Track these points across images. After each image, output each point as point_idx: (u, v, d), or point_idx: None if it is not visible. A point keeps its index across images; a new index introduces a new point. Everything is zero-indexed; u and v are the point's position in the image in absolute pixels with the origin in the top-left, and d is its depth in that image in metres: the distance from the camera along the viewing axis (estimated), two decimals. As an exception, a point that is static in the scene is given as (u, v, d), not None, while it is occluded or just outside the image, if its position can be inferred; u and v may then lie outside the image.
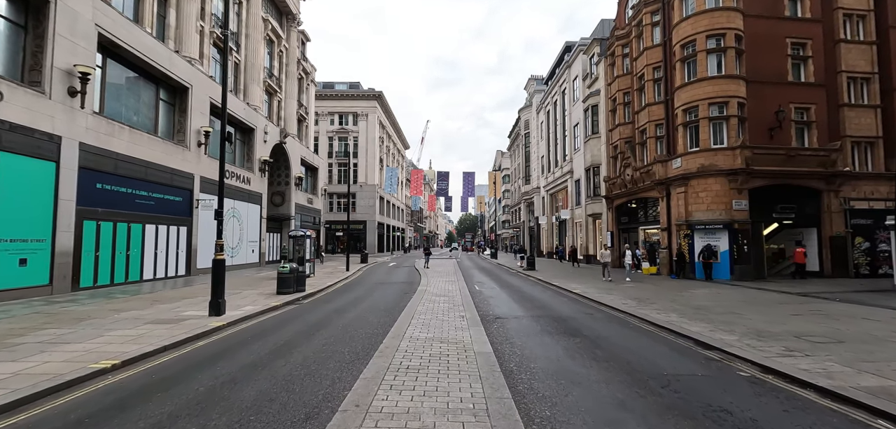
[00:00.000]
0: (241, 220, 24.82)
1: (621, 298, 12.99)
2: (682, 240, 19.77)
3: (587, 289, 15.62)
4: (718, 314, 10.09)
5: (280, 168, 32.82)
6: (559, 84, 40.20)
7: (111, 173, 15.20)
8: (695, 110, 19.58)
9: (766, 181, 18.70)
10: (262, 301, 12.42)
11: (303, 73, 38.62)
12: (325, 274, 22.02)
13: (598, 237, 31.90)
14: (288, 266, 14.26)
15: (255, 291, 14.73)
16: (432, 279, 19.03)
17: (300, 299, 13.52)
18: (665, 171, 21.13)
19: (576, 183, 35.74)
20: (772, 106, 19.48)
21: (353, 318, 9.86)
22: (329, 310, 11.15)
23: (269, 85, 30.82)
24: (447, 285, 16.72)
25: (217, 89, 22.32)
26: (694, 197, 19.35)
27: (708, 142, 19.08)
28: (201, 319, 9.43)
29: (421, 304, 11.55)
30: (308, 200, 37.37)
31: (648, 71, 23.14)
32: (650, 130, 22.97)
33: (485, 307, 11.56)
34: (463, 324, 8.76)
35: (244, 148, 26.50)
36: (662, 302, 12.22)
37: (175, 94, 19.71)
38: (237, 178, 24.30)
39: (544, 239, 47.45)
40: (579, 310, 11.36)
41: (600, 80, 30.05)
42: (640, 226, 25.65)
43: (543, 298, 13.76)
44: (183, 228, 19.33)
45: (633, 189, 24.50)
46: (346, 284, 18.28)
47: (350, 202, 25.62)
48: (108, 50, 15.63)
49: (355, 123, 56.10)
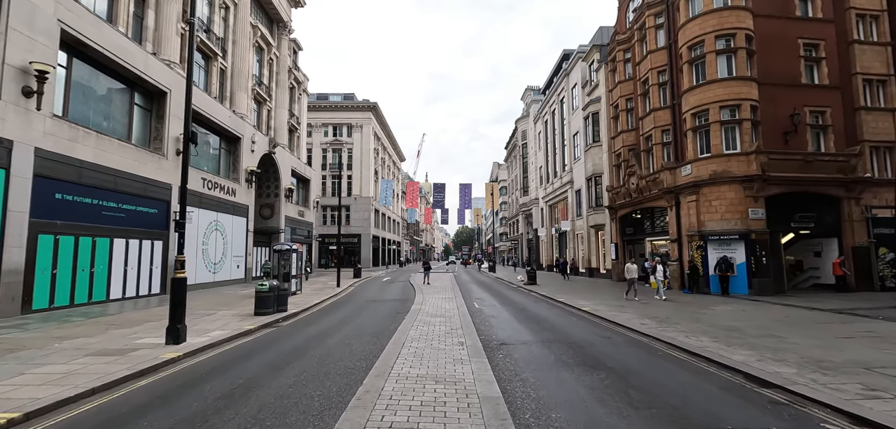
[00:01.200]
0: (225, 233, 23.37)
1: (637, 318, 11.66)
2: (694, 252, 18.52)
3: (597, 306, 14.28)
4: (756, 337, 8.78)
5: (269, 179, 31.47)
6: (557, 93, 39.30)
7: (74, 183, 13.80)
8: (705, 114, 18.50)
9: (782, 188, 17.55)
10: (235, 324, 11.00)
11: (294, 82, 37.52)
12: (313, 291, 20.57)
13: (600, 249, 30.65)
14: (267, 284, 12.86)
15: (232, 312, 13.30)
16: (428, 296, 17.64)
17: (280, 321, 12.10)
18: (674, 178, 19.98)
19: (576, 193, 34.58)
20: (786, 109, 18.43)
21: (335, 345, 8.46)
22: (309, 335, 9.74)
23: (257, 93, 29.64)
24: (444, 303, 15.34)
25: (201, 95, 21.10)
26: (706, 206, 18.16)
27: (720, 147, 17.97)
28: (154, 350, 8.01)
29: (414, 327, 10.16)
30: (299, 212, 35.97)
31: (653, 75, 22.13)
32: (656, 136, 21.88)
33: (487, 330, 10.19)
34: (462, 353, 7.39)
35: (229, 157, 25.18)
36: (686, 322, 10.89)
37: (152, 99, 18.43)
38: (220, 189, 22.93)
39: (544, 251, 46.16)
40: (594, 332, 10.01)
41: (601, 87, 29.08)
42: (646, 237, 24.42)
43: (550, 318, 12.40)
44: (158, 242, 17.88)
45: (638, 198, 23.32)
46: (335, 302, 16.85)
47: (340, 214, 24.28)
48: (73, 49, 14.36)
49: (350, 134, 55.01)
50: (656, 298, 15.78)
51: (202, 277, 21.14)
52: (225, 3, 25.24)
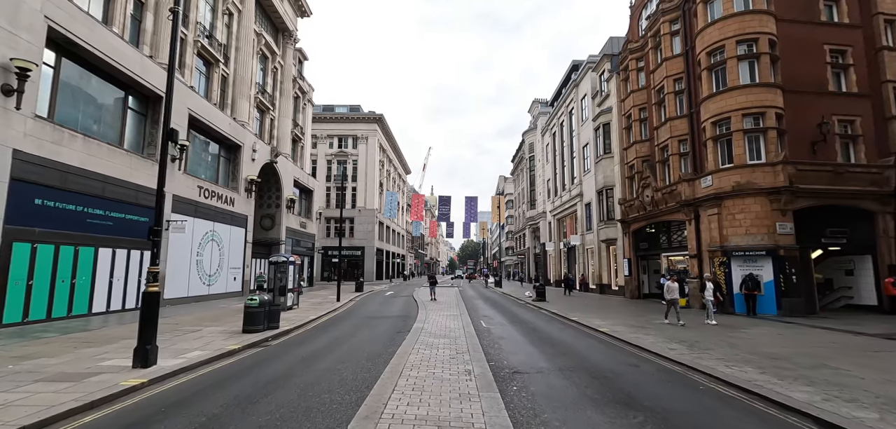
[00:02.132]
0: (222, 244, 22.50)
1: (663, 341, 10.50)
2: (716, 268, 17.30)
3: (614, 326, 13.11)
4: (809, 369, 7.61)
5: (270, 189, 30.71)
6: (566, 104, 38.46)
7: (57, 188, 13.00)
8: (726, 123, 17.45)
9: (811, 202, 16.38)
10: (219, 343, 10.00)
11: (299, 92, 37.02)
12: (311, 305, 19.56)
13: (612, 264, 29.40)
14: (257, 299, 11.89)
15: (220, 328, 12.32)
16: (431, 313, 16.55)
17: (269, 339, 11.09)
18: (693, 190, 18.86)
19: (586, 207, 33.46)
20: (812, 118, 17.35)
21: (323, 372, 7.41)
22: (297, 357, 8.70)
23: (260, 102, 29.06)
24: (448, 321, 14.24)
25: (199, 101, 20.46)
26: (730, 219, 17.00)
27: (744, 157, 16.87)
28: (117, 374, 7.03)
29: (415, 350, 9.10)
30: (301, 224, 35.10)
31: (668, 83, 21.17)
32: (672, 146, 20.83)
33: (496, 354, 9.09)
34: (470, 385, 6.33)
35: (229, 166, 24.44)
36: (719, 347, 9.72)
37: (147, 103, 17.75)
38: (218, 197, 22.13)
39: (551, 266, 44.86)
40: (617, 359, 8.88)
41: (612, 97, 28.16)
42: (662, 252, 23.21)
43: (565, 340, 11.27)
44: (148, 252, 17.00)
45: (653, 212, 22.18)
46: (332, 319, 15.82)
47: (341, 226, 23.32)
48: (62, 48, 13.69)
49: (355, 145, 54.47)
50: (706, 323, 13.67)
51: (196, 290, 20.22)
52: (228, 10, 24.78)
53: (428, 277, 22.71)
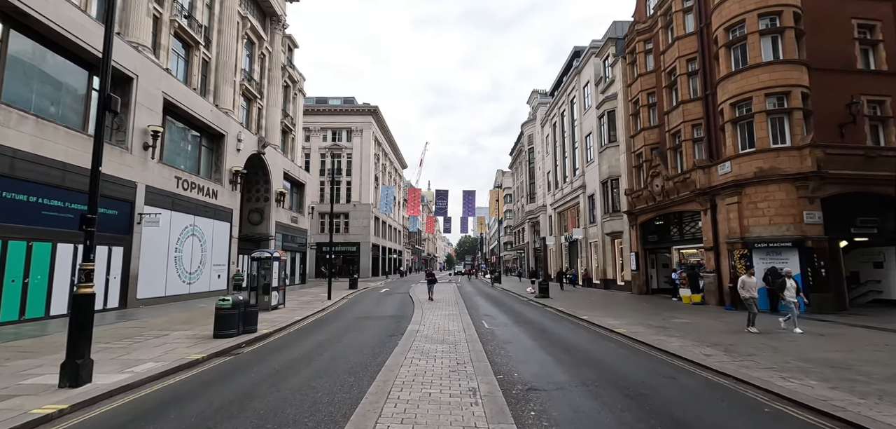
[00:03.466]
0: (204, 239, 21.02)
1: (693, 344, 9.17)
2: (736, 261, 15.99)
3: (632, 327, 11.78)
4: (887, 381, 6.29)
5: (259, 182, 29.21)
6: (567, 93, 37.04)
7: (5, 176, 11.52)
8: (747, 103, 16.10)
9: (840, 188, 15.08)
10: (181, 351, 8.58)
11: (289, 80, 35.43)
12: (299, 305, 18.15)
13: (617, 259, 28.10)
14: (229, 299, 10.46)
15: (189, 333, 10.89)
16: (428, 312, 15.18)
17: (242, 346, 9.69)
18: (708, 178, 17.53)
19: (589, 199, 32.12)
20: (839, 98, 16.02)
21: (292, 392, 6.01)
22: (268, 370, 7.30)
23: (247, 89, 27.49)
24: (447, 321, 12.87)
25: (176, 84, 18.92)
26: (751, 208, 15.68)
27: (766, 140, 15.53)
28: (37, 397, 5.63)
29: (408, 359, 7.72)
30: (292, 218, 33.62)
31: (681, 64, 19.78)
32: (686, 131, 19.47)
33: (504, 364, 7.72)
34: (477, 412, 4.96)
35: (211, 156, 22.91)
36: (763, 353, 8.39)
37: (115, 84, 16.17)
38: (199, 189, 20.63)
39: (552, 261, 43.55)
40: (647, 368, 7.53)
41: (617, 83, 26.77)
42: (672, 245, 21.90)
43: (581, 343, 9.92)
44: (117, 248, 15.55)
45: (663, 202, 20.86)
46: (320, 320, 14.41)
47: (332, 221, 21.89)
48: (10, 18, 12.15)
49: (349, 139, 52.82)
50: (782, 327, 11.48)
51: (174, 289, 18.76)
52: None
53: (426, 274, 21.17)
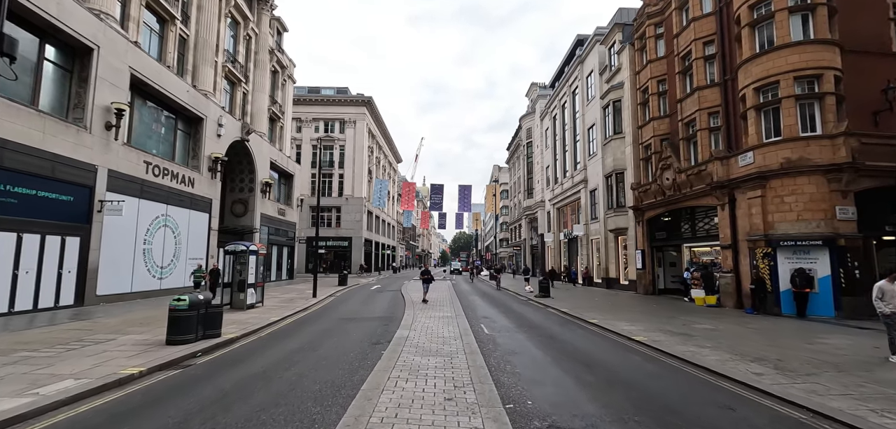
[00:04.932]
0: (178, 230, 19.33)
1: (732, 358, 7.74)
2: (759, 261, 14.61)
3: (651, 334, 10.34)
4: None
5: (243, 172, 27.50)
6: (569, 83, 35.54)
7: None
8: (774, 88, 14.68)
9: (875, 182, 13.74)
10: (117, 364, 7.02)
11: (277, 65, 33.63)
12: (280, 303, 16.57)
13: (620, 257, 26.74)
14: (185, 299, 8.88)
15: (140, 337, 9.31)
16: (420, 313, 13.67)
17: (198, 355, 8.13)
18: (727, 170, 16.13)
19: (591, 194, 30.72)
20: (874, 83, 14.65)
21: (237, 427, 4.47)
22: (214, 393, 5.76)
23: (230, 72, 25.73)
24: (441, 327, 11.36)
25: (145, 59, 17.18)
26: (777, 203, 14.29)
27: (795, 128, 14.12)
28: None
29: (392, 379, 6.19)
30: (280, 211, 31.94)
31: (697, 47, 18.33)
32: (701, 119, 18.04)
33: (513, 384, 6.23)
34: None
35: (188, 141, 21.18)
36: (823, 371, 6.96)
37: (73, 55, 14.48)
38: (173, 176, 18.94)
39: (549, 259, 42.18)
40: (692, 391, 6.07)
41: (624, 71, 25.31)
42: (683, 242, 20.52)
43: (597, 355, 8.46)
44: (73, 238, 13.86)
45: (674, 197, 19.46)
46: (300, 320, 12.85)
47: (318, 211, 20.27)
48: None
49: (342, 130, 51.02)
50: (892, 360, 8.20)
51: (143, 284, 17.10)
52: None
53: (420, 272, 19.28)
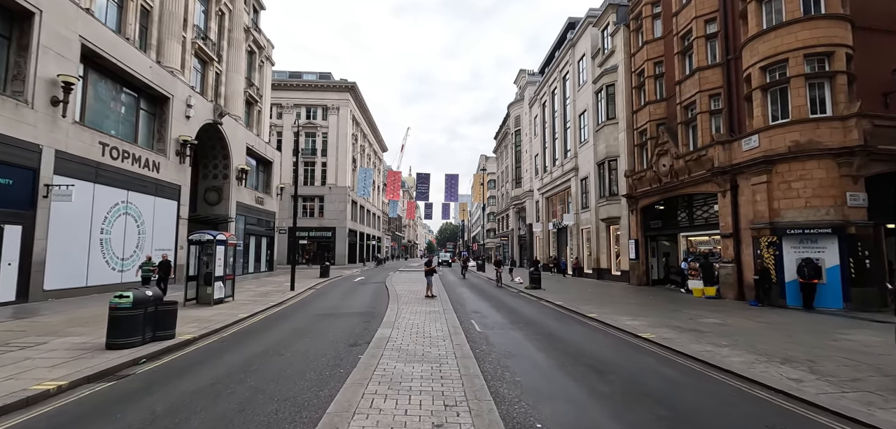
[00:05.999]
0: (142, 219, 17.76)
1: (763, 362, 6.83)
2: (764, 250, 13.87)
3: (656, 329, 9.43)
4: None
5: (216, 157, 25.81)
6: (560, 69, 34.52)
7: None
8: (781, 67, 13.84)
9: (886, 166, 13.05)
10: (35, 375, 5.75)
11: (254, 45, 31.75)
12: (254, 297, 15.27)
13: (612, 246, 26.01)
14: (129, 296, 7.60)
15: (78, 339, 8.00)
16: (404, 309, 12.54)
17: (141, 361, 6.89)
18: (729, 155, 15.32)
19: (582, 182, 29.89)
20: (884, 62, 13.92)
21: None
22: (143, 418, 4.55)
23: (201, 49, 23.94)
24: (427, 322, 10.27)
25: (99, 29, 15.48)
26: (784, 189, 13.52)
27: (804, 109, 13.33)
28: None
29: (367, 396, 5.05)
30: (257, 199, 30.32)
31: (698, 25, 17.42)
32: (701, 102, 17.18)
33: (515, 398, 5.17)
34: None
35: (153, 122, 19.50)
36: (870, 376, 6.07)
37: (11, 21, 12.79)
38: (135, 160, 17.33)
39: (538, 249, 41.45)
40: (728, 405, 5.12)
41: (619, 53, 24.36)
42: (679, 231, 19.78)
43: (606, 357, 7.48)
44: (13, 227, 12.30)
45: (671, 184, 18.67)
46: (272, 317, 11.61)
47: (296, 201, 18.85)
48: None
49: (325, 117, 49.16)
50: None
51: (101, 278, 15.57)
52: (148, -78, 19.49)
53: (425, 264, 17.69)
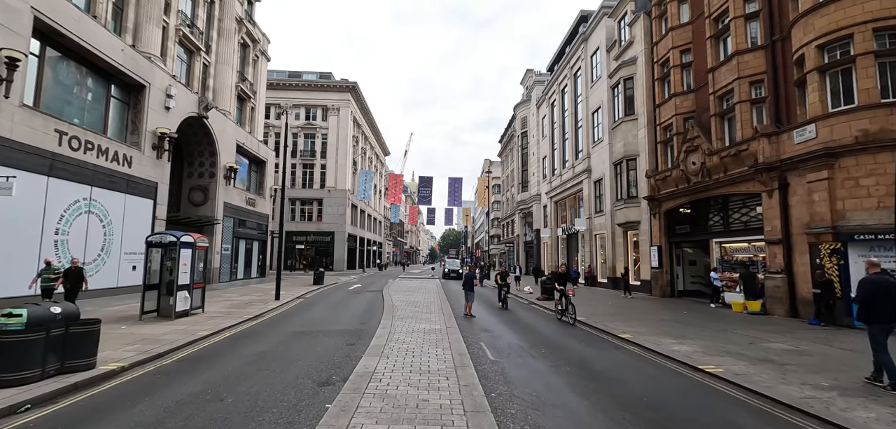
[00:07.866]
0: (108, 219, 15.84)
1: None
2: (824, 259, 11.77)
3: (717, 357, 7.36)
4: None
5: (202, 154, 23.96)
6: (570, 65, 32.59)
7: None
8: (844, 45, 11.83)
9: (972, 161, 10.98)
10: None
11: (248, 38, 29.99)
12: (229, 308, 13.27)
13: (630, 254, 23.90)
14: (23, 314, 5.62)
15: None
16: (398, 328, 10.48)
17: (25, 409, 4.87)
18: (777, 149, 13.27)
19: (595, 184, 27.84)
20: (964, 41, 11.90)
21: None
22: None
23: (186, 37, 22.13)
24: (424, 348, 8.22)
25: (59, 3, 13.62)
26: (850, 187, 11.45)
27: (874, 93, 11.29)
28: None
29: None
30: (249, 201, 28.42)
31: (736, 4, 15.42)
32: (741, 90, 15.14)
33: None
34: None
35: (126, 112, 17.64)
36: None
37: (-58, -17, 10.95)
38: (101, 152, 15.44)
39: (545, 256, 39.30)
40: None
41: (638, 44, 22.41)
42: (712, 237, 17.64)
43: (677, 406, 5.46)
44: (-64, 225, 10.36)
45: (701, 184, 16.62)
46: (237, 336, 9.60)
47: (282, 204, 16.86)
48: None
49: (325, 117, 47.39)
50: None
51: (55, 285, 13.57)
52: None
53: (464, 279, 13.64)
